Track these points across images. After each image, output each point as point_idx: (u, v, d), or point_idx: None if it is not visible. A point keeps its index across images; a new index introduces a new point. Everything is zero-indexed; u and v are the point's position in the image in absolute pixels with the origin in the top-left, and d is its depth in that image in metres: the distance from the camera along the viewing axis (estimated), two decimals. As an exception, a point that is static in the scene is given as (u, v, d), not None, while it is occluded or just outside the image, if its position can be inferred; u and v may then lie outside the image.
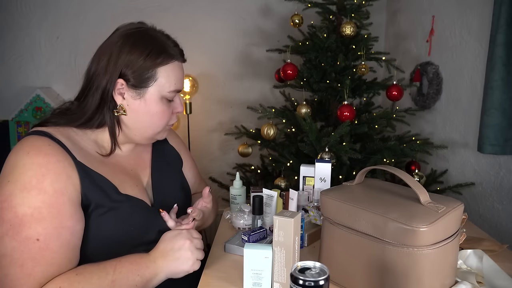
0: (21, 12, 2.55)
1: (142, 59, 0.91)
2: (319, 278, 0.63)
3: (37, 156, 0.82)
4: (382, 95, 2.14)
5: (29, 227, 0.78)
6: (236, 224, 1.19)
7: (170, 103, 0.99)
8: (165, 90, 0.95)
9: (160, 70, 0.94)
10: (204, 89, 2.73)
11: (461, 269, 0.91)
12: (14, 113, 2.48)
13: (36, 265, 0.78)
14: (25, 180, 0.80)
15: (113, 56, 0.92)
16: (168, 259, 0.87)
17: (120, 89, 0.93)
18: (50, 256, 0.79)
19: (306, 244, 1.08)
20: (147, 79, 0.93)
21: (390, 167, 0.87)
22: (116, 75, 0.91)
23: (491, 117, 1.58)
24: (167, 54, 0.95)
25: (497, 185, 1.72)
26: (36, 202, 0.79)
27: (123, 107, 0.94)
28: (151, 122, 0.97)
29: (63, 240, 0.81)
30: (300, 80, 1.95)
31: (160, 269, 0.86)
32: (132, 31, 0.94)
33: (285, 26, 2.58)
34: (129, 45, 0.92)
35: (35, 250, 0.78)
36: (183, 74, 1.01)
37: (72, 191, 0.84)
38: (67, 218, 0.82)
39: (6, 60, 2.58)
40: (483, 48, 1.78)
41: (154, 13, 2.58)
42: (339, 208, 0.85)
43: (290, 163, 1.85)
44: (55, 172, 0.82)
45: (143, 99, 0.94)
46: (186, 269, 0.88)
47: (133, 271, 0.84)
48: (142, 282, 0.85)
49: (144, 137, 1.00)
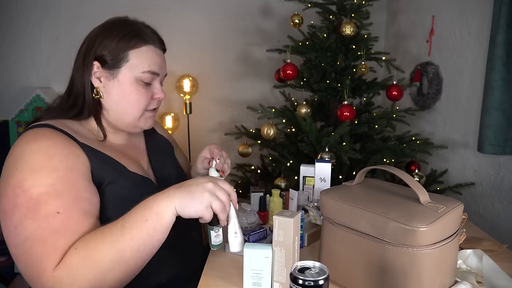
0: (21, 12, 2.54)
1: (115, 41, 0.95)
2: (319, 278, 0.63)
3: (41, 141, 0.84)
4: (382, 95, 2.14)
5: (47, 204, 0.78)
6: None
7: (148, 87, 0.99)
8: (138, 71, 0.96)
9: (132, 52, 0.96)
10: (204, 89, 2.73)
11: (461, 269, 0.91)
12: (14, 113, 2.48)
13: (60, 237, 0.78)
14: (33, 164, 0.81)
15: (90, 42, 0.96)
16: (181, 189, 0.80)
17: (97, 72, 0.96)
18: (73, 225, 0.79)
19: (306, 244, 1.08)
20: (119, 59, 0.95)
21: (390, 167, 0.87)
22: (92, 58, 0.95)
23: (491, 117, 1.58)
24: (141, 38, 0.97)
25: (497, 185, 1.72)
26: (49, 180, 0.80)
27: (99, 90, 0.97)
28: (127, 104, 0.97)
29: (84, 209, 0.82)
30: (300, 80, 1.95)
31: (171, 198, 0.79)
32: (112, 20, 0.99)
33: (285, 26, 2.57)
34: (106, 30, 0.96)
35: (57, 223, 0.78)
36: (162, 60, 1.02)
37: (82, 168, 0.86)
38: (83, 190, 0.83)
39: (6, 60, 2.58)
40: (483, 48, 1.78)
41: (154, 13, 2.59)
42: (339, 208, 0.85)
43: (290, 163, 1.85)
44: (62, 152, 0.84)
45: (117, 80, 0.96)
46: (195, 208, 0.78)
47: (141, 207, 0.80)
48: (153, 215, 0.78)
49: (125, 123, 1.00)
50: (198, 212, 0.79)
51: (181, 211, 0.79)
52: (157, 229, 0.78)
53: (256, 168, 2.18)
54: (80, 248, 0.77)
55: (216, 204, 0.80)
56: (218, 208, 0.80)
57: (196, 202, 0.78)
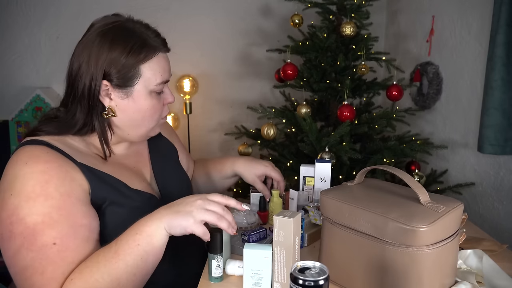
0: (21, 12, 2.54)
1: (124, 57, 0.87)
2: (319, 278, 0.63)
3: (36, 164, 0.81)
4: (382, 95, 2.14)
5: (43, 234, 0.77)
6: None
7: (159, 95, 0.95)
8: (152, 84, 0.91)
9: (144, 66, 0.90)
10: (204, 89, 2.72)
11: (461, 269, 0.91)
12: (14, 113, 2.48)
13: (57, 268, 0.77)
14: (28, 190, 0.78)
15: (93, 56, 0.87)
16: (169, 211, 0.80)
17: (106, 91, 0.90)
18: (70, 256, 0.79)
19: (306, 244, 1.08)
20: (131, 77, 0.89)
21: (390, 167, 0.87)
22: (100, 77, 0.88)
23: (491, 117, 1.58)
24: (149, 48, 0.90)
25: (497, 185, 1.72)
26: (44, 208, 0.78)
27: (112, 109, 0.91)
28: (143, 119, 0.94)
29: (81, 237, 0.81)
30: (300, 80, 1.95)
31: (159, 220, 0.79)
32: (108, 27, 0.89)
33: (285, 26, 2.57)
34: (108, 43, 0.87)
35: (54, 254, 0.77)
36: (169, 63, 0.97)
37: (79, 192, 0.83)
38: (81, 217, 0.81)
39: (6, 60, 2.58)
40: (483, 48, 1.78)
41: (154, 13, 2.58)
42: (339, 208, 0.85)
43: (290, 163, 1.85)
44: (58, 177, 0.81)
45: (131, 98, 0.91)
46: (183, 225, 0.78)
47: (132, 232, 0.79)
48: (143, 240, 0.78)
49: (138, 135, 0.98)
50: (187, 229, 0.79)
51: (171, 230, 0.79)
52: (150, 252, 0.79)
53: (256, 168, 2.18)
54: (76, 279, 0.77)
55: (208, 217, 0.80)
56: (212, 220, 0.80)
57: (183, 219, 0.78)
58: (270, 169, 1.21)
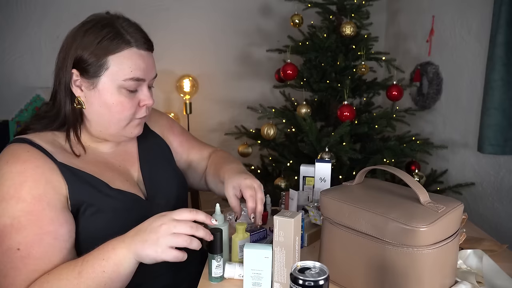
0: (21, 12, 2.54)
1: (94, 46, 0.86)
2: (319, 278, 0.63)
3: (15, 164, 0.82)
4: (382, 95, 2.14)
5: (9, 238, 0.78)
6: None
7: (134, 94, 0.91)
8: (119, 79, 0.88)
9: (112, 58, 0.87)
10: (204, 89, 2.73)
11: (461, 269, 0.91)
12: (14, 113, 2.48)
13: (19, 274, 0.78)
14: (3, 191, 0.80)
15: (68, 45, 0.88)
16: (136, 239, 0.76)
17: (76, 81, 0.88)
18: (32, 263, 0.78)
19: (306, 244, 1.08)
20: (98, 67, 0.87)
21: (390, 167, 0.87)
22: (70, 66, 0.87)
23: (491, 117, 1.58)
24: (121, 40, 0.87)
25: (497, 185, 1.72)
26: (15, 211, 0.79)
27: (81, 100, 0.90)
28: (110, 115, 0.90)
29: (46, 245, 0.80)
30: (300, 80, 1.95)
31: (127, 249, 0.76)
32: (90, 19, 0.90)
33: (285, 26, 2.57)
34: (82, 32, 0.87)
35: (17, 260, 0.78)
36: (148, 63, 0.92)
37: (52, 196, 0.82)
38: (48, 223, 0.80)
39: (6, 60, 2.58)
40: (483, 48, 1.78)
41: (154, 13, 2.59)
42: (339, 208, 0.85)
43: (290, 163, 1.85)
44: (33, 178, 0.81)
45: (97, 89, 0.88)
46: (152, 256, 0.75)
47: (99, 256, 0.77)
48: (110, 267, 0.76)
49: (109, 134, 0.94)
50: (156, 259, 0.76)
51: (141, 260, 0.77)
52: (115, 280, 0.77)
53: (256, 168, 2.18)
54: None
55: (176, 241, 0.75)
56: (181, 244, 0.76)
57: (150, 249, 0.75)
58: (247, 185, 0.96)
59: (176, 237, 0.75)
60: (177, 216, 0.77)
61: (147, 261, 0.77)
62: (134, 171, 1.02)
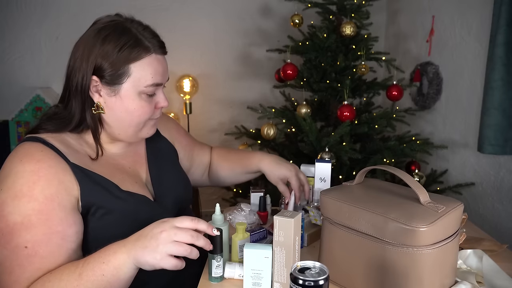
0: (21, 12, 2.54)
1: (115, 54, 0.87)
2: (319, 278, 0.63)
3: (29, 163, 0.82)
4: (382, 95, 2.14)
5: (19, 236, 0.79)
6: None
7: (151, 97, 0.94)
8: (142, 85, 0.90)
9: (134, 65, 0.88)
10: (204, 89, 2.73)
11: (461, 269, 0.91)
12: (14, 113, 2.48)
13: (23, 272, 0.78)
14: (16, 188, 0.80)
15: (86, 51, 0.88)
16: (137, 245, 0.77)
17: (96, 86, 0.90)
18: (38, 261, 0.79)
19: (306, 244, 1.08)
20: (120, 75, 0.88)
21: (390, 167, 0.87)
22: (90, 72, 0.88)
23: (491, 117, 1.59)
24: (142, 48, 0.89)
25: (497, 185, 1.72)
26: (27, 209, 0.79)
27: (100, 105, 0.91)
28: (131, 119, 0.92)
29: (53, 245, 0.80)
30: (300, 80, 1.95)
31: (127, 254, 0.77)
32: (105, 25, 0.90)
33: (285, 26, 2.57)
34: (101, 39, 0.87)
35: (23, 257, 0.78)
36: (164, 66, 0.94)
37: (63, 196, 0.83)
38: (57, 223, 0.81)
39: (6, 60, 2.58)
40: (483, 48, 1.78)
41: (154, 13, 2.58)
42: (339, 208, 0.85)
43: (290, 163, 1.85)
44: (46, 178, 0.82)
45: (119, 96, 0.90)
46: (151, 263, 0.75)
47: (99, 259, 0.77)
48: (110, 271, 0.76)
49: (127, 136, 0.96)
50: (155, 266, 0.76)
51: (140, 266, 0.77)
52: (114, 284, 0.77)
53: (256, 168, 2.18)
54: None
55: (176, 250, 0.75)
56: (181, 253, 0.76)
57: (150, 256, 0.75)
58: (293, 175, 1.17)
59: (176, 245, 0.76)
60: (179, 223, 0.78)
61: (146, 267, 0.77)
62: (142, 172, 1.04)
